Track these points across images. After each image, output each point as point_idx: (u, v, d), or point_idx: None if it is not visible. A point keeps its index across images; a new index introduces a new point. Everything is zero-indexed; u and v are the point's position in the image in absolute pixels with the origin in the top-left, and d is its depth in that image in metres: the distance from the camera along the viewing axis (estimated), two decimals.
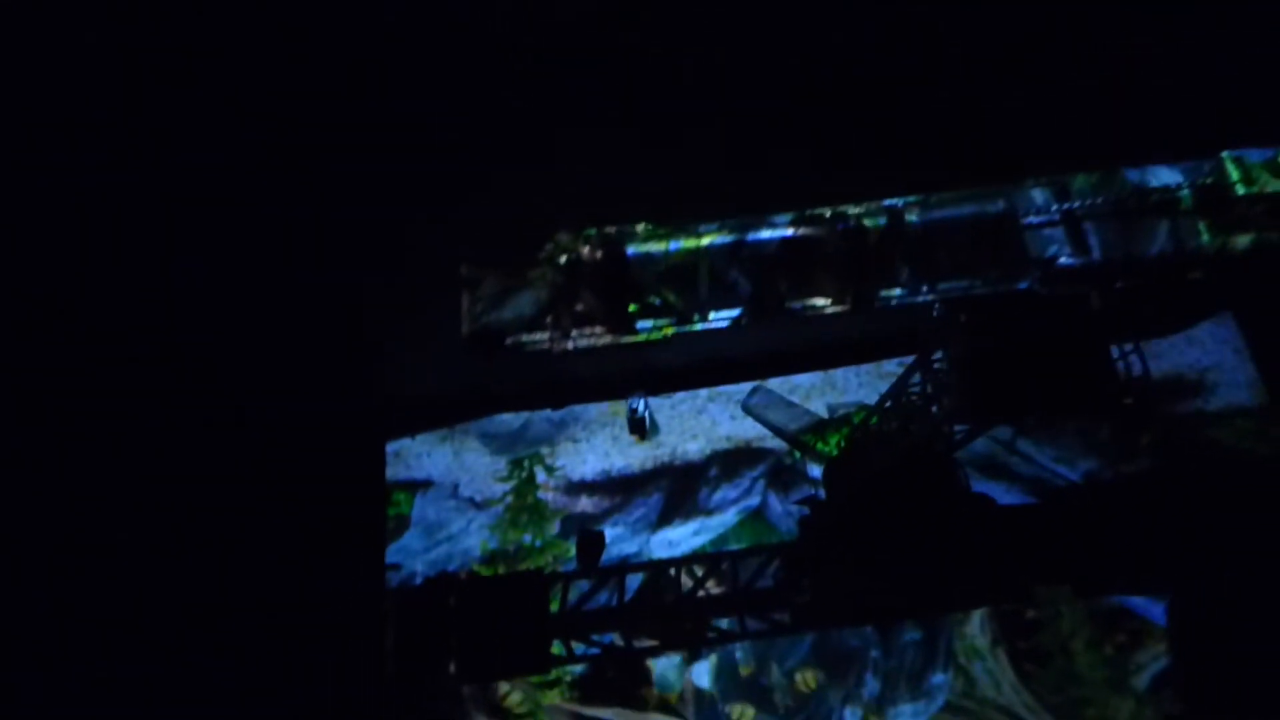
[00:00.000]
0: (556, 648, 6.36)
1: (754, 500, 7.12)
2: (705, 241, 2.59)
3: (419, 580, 6.59)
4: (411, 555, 6.86)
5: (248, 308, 5.31)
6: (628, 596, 6.55)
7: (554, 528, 6.98)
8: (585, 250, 2.59)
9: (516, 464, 7.37)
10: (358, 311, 6.21)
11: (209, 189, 3.60)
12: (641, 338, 2.74)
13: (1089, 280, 2.79)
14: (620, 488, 7.14)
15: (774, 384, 7.23)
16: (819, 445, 7.25)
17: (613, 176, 3.25)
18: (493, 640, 6.47)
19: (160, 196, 3.61)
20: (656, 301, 2.72)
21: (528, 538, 6.89)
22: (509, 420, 7.17)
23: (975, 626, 6.82)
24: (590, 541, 6.76)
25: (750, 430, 7.54)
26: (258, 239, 4.37)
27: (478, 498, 7.22)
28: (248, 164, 3.54)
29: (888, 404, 5.08)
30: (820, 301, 2.77)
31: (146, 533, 4.62)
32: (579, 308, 2.68)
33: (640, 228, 2.77)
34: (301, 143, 3.57)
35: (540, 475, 7.19)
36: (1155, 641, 6.70)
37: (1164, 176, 2.89)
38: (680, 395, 7.04)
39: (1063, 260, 2.76)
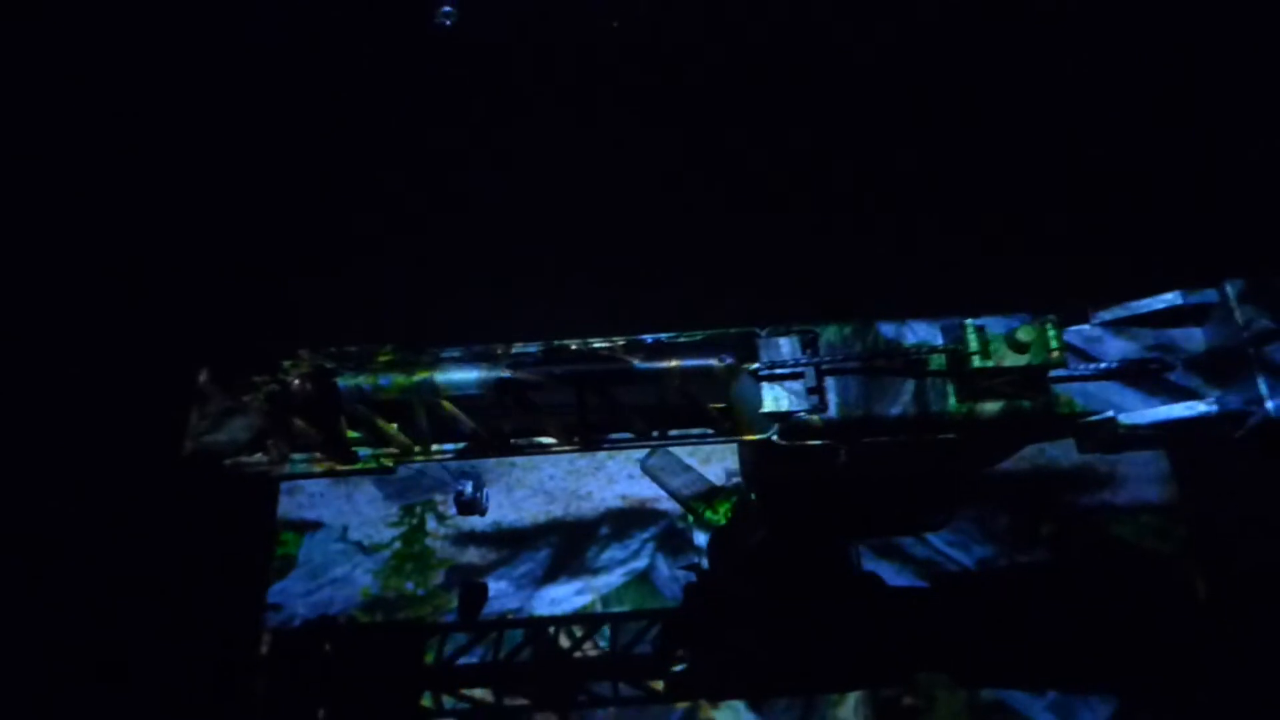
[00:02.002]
0: (426, 700, 6.33)
1: (642, 563, 7.05)
2: (416, 378, 2.55)
3: (298, 623, 6.58)
4: (294, 597, 6.82)
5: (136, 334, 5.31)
6: (504, 653, 6.52)
7: (438, 577, 6.93)
8: (294, 380, 2.55)
9: (408, 510, 7.33)
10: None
11: None
12: (360, 467, 2.70)
13: (828, 436, 2.74)
14: (509, 541, 7.09)
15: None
16: (708, 513, 7.16)
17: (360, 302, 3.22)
18: (363, 689, 6.44)
19: None
20: (376, 432, 2.68)
21: (410, 585, 6.85)
22: (404, 467, 7.06)
23: (849, 709, 6.69)
24: (472, 594, 6.73)
25: (646, 490, 7.46)
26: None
27: (366, 542, 7.19)
28: None
29: None
30: (547, 440, 2.74)
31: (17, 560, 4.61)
32: (296, 434, 2.65)
33: (373, 353, 2.74)
34: None
35: (431, 523, 7.16)
36: None
37: (920, 333, 2.84)
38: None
39: (799, 415, 2.71)
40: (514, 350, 2.75)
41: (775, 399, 2.69)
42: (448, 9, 2.52)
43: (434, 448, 2.65)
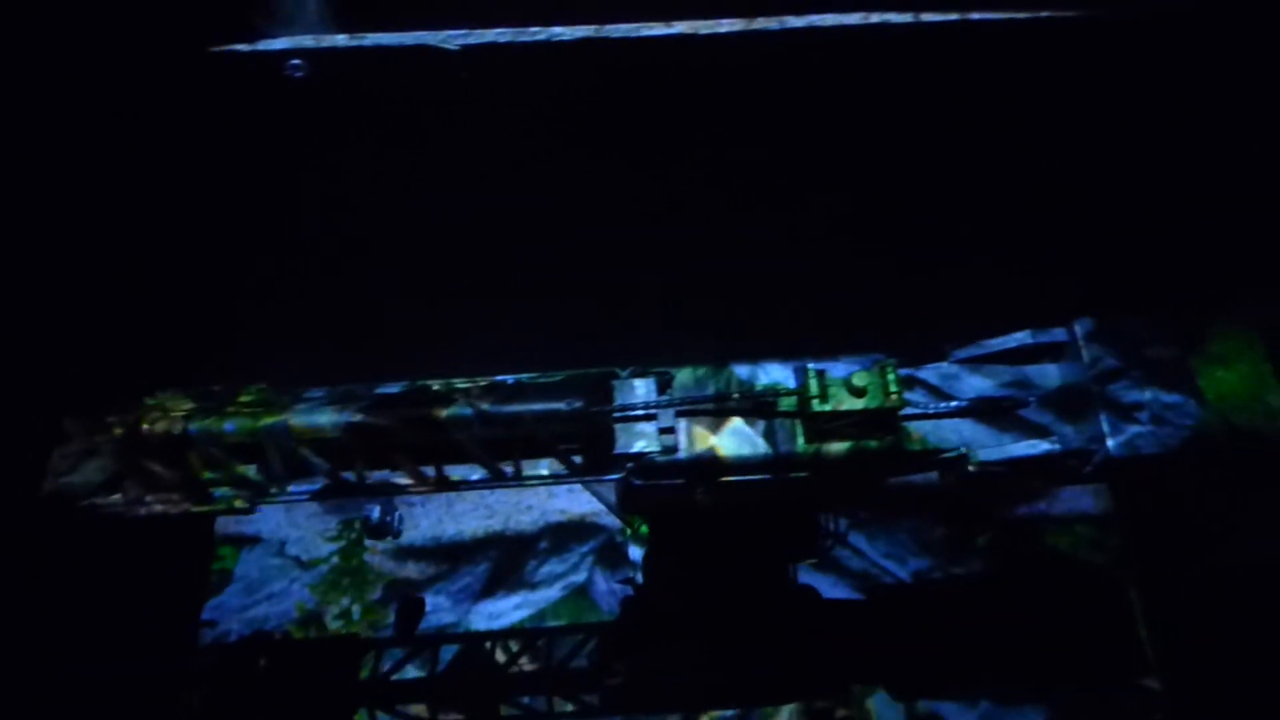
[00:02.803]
0: (361, 716, 6.35)
1: (580, 577, 7.10)
2: (263, 423, 2.58)
3: (233, 638, 6.60)
4: (229, 613, 6.85)
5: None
6: (440, 668, 6.55)
7: (376, 592, 6.97)
8: (146, 423, 2.58)
9: (347, 524, 7.34)
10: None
11: None
12: (219, 507, 2.74)
13: (681, 476, 2.79)
14: (449, 555, 7.13)
15: None
16: (644, 528, 7.22)
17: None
18: (297, 705, 6.45)
19: None
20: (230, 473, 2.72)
21: (346, 601, 6.89)
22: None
23: None
24: (410, 609, 6.76)
25: (586, 504, 7.49)
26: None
27: (304, 557, 7.21)
28: None
29: None
30: (402, 481, 2.78)
31: None
32: (150, 475, 2.68)
33: (235, 394, 2.77)
34: None
35: (369, 538, 7.19)
36: None
37: (773, 375, 2.89)
38: None
39: (651, 456, 2.76)
40: (376, 391, 2.79)
41: (628, 440, 2.74)
42: (296, 61, 2.54)
43: (291, 488, 2.69)
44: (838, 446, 2.71)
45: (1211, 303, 2.92)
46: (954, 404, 2.85)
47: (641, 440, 2.72)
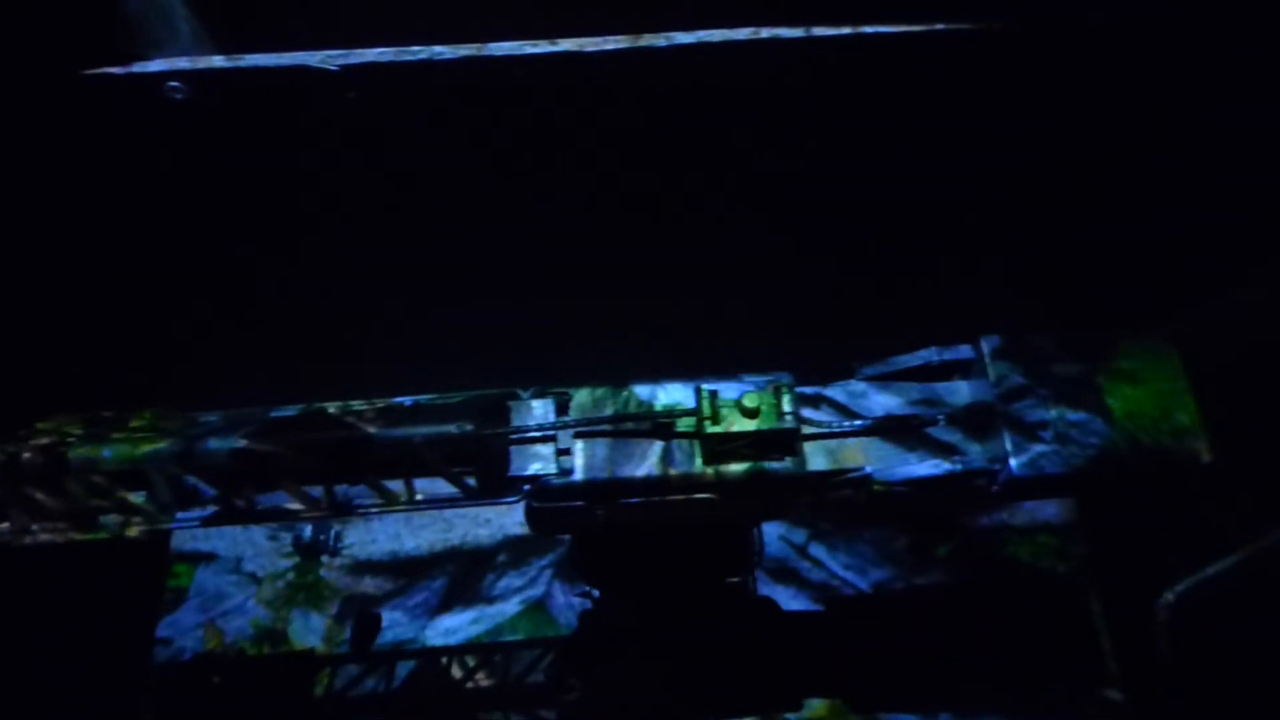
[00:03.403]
0: None
1: (538, 590, 7.04)
2: (144, 450, 2.54)
3: (187, 656, 6.54)
4: (184, 630, 6.79)
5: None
6: (396, 684, 6.50)
7: (332, 608, 6.91)
8: (23, 451, 2.54)
9: (299, 540, 7.29)
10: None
11: None
12: (102, 535, 2.69)
13: (578, 498, 2.74)
14: (406, 570, 7.08)
15: None
16: None
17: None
18: None
19: None
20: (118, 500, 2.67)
21: (301, 616, 6.83)
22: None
23: None
24: (366, 624, 6.70)
25: None
26: None
27: (260, 573, 7.15)
28: None
29: None
30: (294, 507, 2.74)
31: None
32: (33, 504, 2.64)
33: (127, 419, 2.73)
34: None
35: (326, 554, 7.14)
36: None
37: (673, 395, 2.85)
38: None
39: (546, 479, 2.72)
40: (270, 415, 2.75)
41: (523, 462, 2.70)
42: (174, 84, 2.51)
43: (180, 515, 2.64)
44: (736, 468, 2.67)
45: (1123, 318, 2.89)
46: (857, 423, 2.81)
47: (537, 462, 2.68)
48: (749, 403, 2.48)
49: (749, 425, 2.50)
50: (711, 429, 2.50)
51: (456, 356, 3.01)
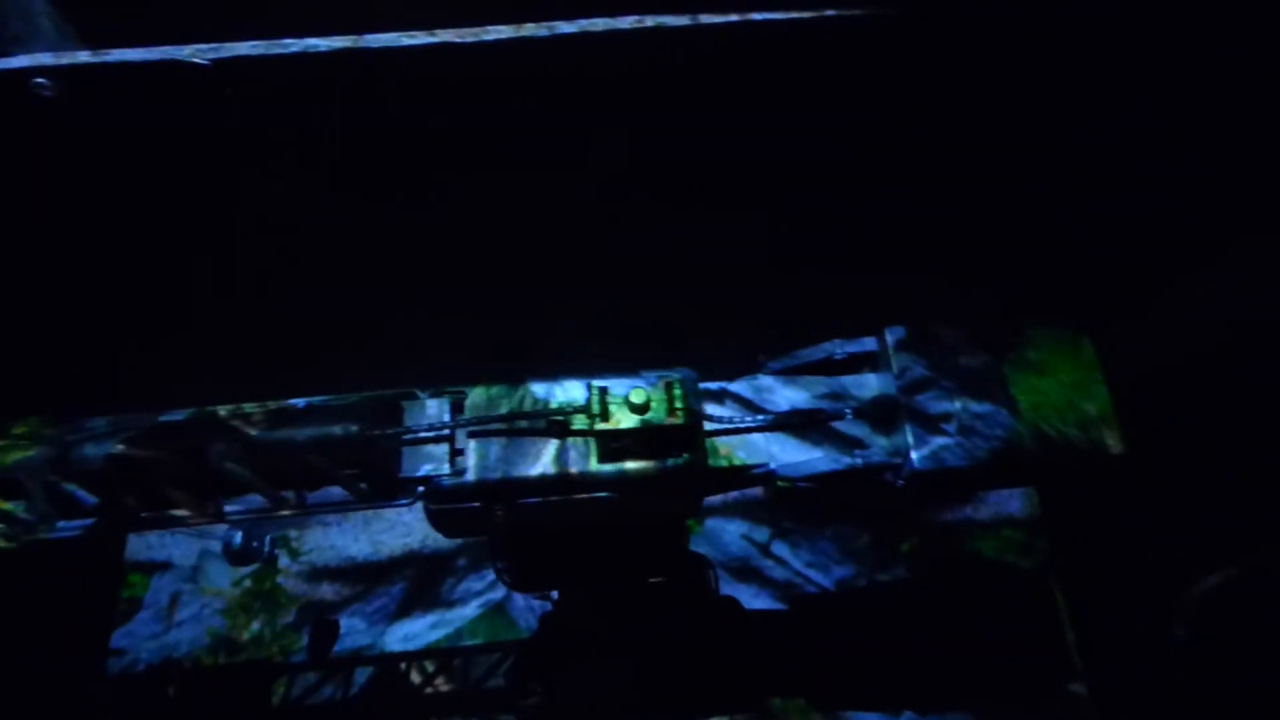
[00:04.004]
0: None
1: (498, 594, 6.99)
2: (12, 458, 2.48)
3: (141, 668, 6.46)
4: (139, 641, 6.71)
5: None
6: (354, 692, 6.44)
7: (289, 616, 6.84)
8: None
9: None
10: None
11: None
12: None
13: (473, 499, 2.69)
14: (364, 576, 7.01)
15: None
16: None
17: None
18: None
19: None
20: None
21: (257, 625, 6.76)
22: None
23: None
24: (323, 631, 6.64)
25: None
26: None
27: (216, 581, 7.08)
28: None
29: None
30: (179, 513, 2.68)
31: None
32: None
33: (6, 427, 2.67)
34: None
35: (284, 560, 7.07)
36: None
37: (570, 392, 2.80)
38: None
39: (438, 479, 2.67)
40: (160, 419, 2.69)
41: (414, 463, 2.64)
42: (41, 80, 2.45)
43: (61, 525, 2.58)
44: (633, 465, 2.61)
45: (1031, 307, 2.84)
46: (760, 418, 2.76)
47: (429, 463, 2.63)
48: (636, 398, 2.42)
49: (637, 421, 2.44)
50: (601, 426, 2.44)
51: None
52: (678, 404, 2.52)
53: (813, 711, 6.44)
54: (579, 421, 2.67)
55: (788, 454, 2.85)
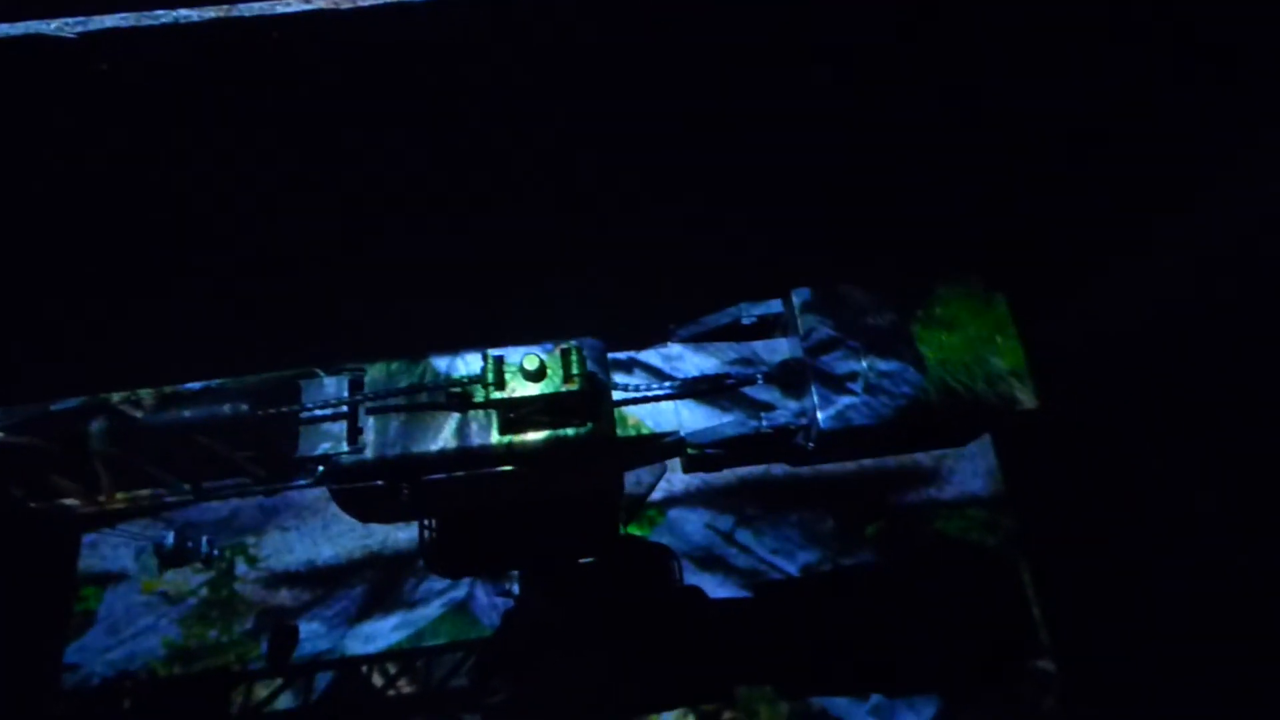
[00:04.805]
0: None
1: (460, 592, 6.90)
2: None
3: (96, 681, 6.34)
4: (93, 654, 6.56)
5: None
6: (315, 697, 6.34)
7: (247, 623, 6.71)
8: None
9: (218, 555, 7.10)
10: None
11: None
12: None
13: (374, 476, 2.63)
14: (324, 579, 6.91)
15: None
16: None
17: None
18: None
19: None
20: None
21: (214, 634, 6.64)
22: (217, 508, 6.91)
23: None
24: (282, 638, 6.54)
25: None
26: None
27: (171, 591, 6.96)
28: None
29: None
30: (70, 502, 2.61)
31: None
32: None
33: None
34: None
35: (241, 567, 6.95)
36: None
37: (472, 366, 2.74)
38: None
39: (337, 458, 2.61)
40: (52, 407, 2.62)
41: (312, 443, 2.58)
42: None
43: None
44: (534, 437, 2.56)
45: (937, 264, 2.80)
46: (666, 385, 2.72)
47: (327, 442, 2.56)
48: (529, 365, 2.37)
49: (532, 389, 2.39)
50: (497, 395, 2.39)
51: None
52: (574, 370, 2.47)
53: (780, 699, 6.39)
54: (479, 394, 2.62)
55: (697, 421, 2.80)
